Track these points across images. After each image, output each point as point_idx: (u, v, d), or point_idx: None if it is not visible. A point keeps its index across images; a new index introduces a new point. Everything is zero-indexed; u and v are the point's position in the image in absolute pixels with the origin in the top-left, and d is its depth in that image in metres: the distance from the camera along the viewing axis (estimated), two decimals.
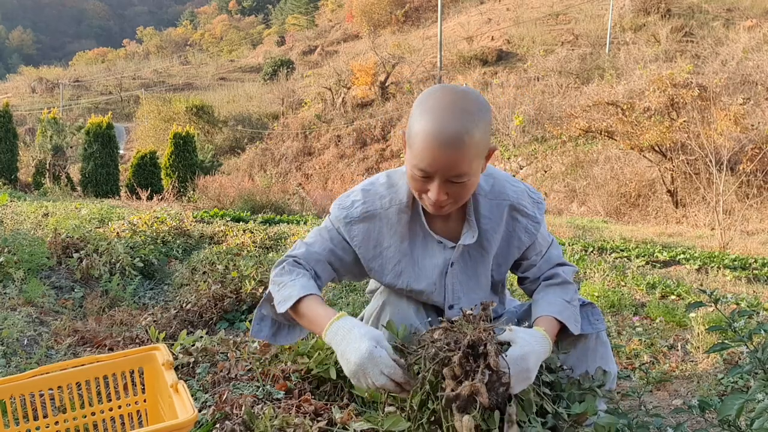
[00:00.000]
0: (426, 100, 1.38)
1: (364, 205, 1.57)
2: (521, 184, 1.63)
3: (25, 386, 1.46)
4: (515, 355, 1.30)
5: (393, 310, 1.60)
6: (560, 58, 24.08)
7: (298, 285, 1.48)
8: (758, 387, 1.35)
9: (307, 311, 1.45)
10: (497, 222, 1.57)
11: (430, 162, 1.34)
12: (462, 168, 1.34)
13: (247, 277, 3.12)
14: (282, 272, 1.55)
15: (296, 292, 1.46)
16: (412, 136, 1.37)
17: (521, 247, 1.61)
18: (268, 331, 1.60)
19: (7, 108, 16.80)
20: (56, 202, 8.87)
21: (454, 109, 1.33)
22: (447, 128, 1.31)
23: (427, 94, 1.40)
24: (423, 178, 1.38)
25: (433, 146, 1.32)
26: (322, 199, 12.23)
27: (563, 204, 16.50)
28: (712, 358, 2.57)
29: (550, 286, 1.61)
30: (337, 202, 1.62)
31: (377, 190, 1.58)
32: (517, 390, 1.30)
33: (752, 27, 22.34)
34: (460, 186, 1.38)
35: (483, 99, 1.40)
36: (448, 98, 1.35)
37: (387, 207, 1.56)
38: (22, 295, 3.02)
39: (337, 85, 28.18)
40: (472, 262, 1.61)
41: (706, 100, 13.03)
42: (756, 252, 7.54)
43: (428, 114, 1.34)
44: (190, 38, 72.88)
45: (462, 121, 1.31)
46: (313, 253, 1.58)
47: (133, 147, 26.66)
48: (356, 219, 1.57)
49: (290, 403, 1.85)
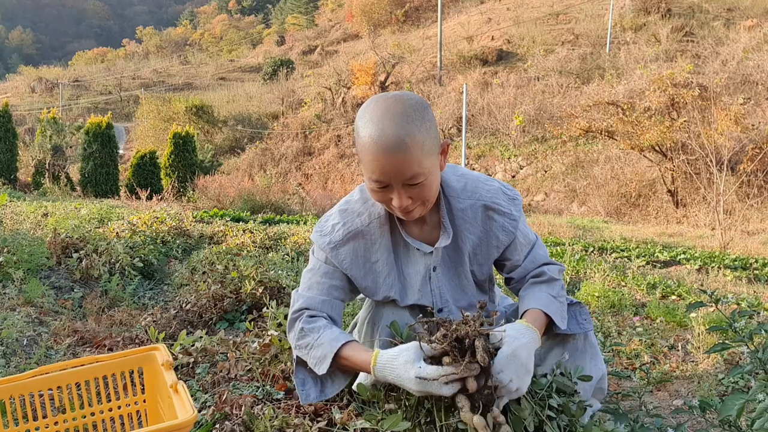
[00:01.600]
0: (364, 113, 1.40)
1: (344, 226, 1.58)
2: (495, 182, 1.64)
3: (25, 386, 1.46)
4: (506, 353, 1.30)
5: (387, 313, 1.62)
6: (560, 58, 24.07)
7: (326, 341, 1.49)
8: (759, 387, 1.35)
9: (346, 363, 1.46)
10: (471, 222, 1.58)
11: (381, 171, 1.36)
12: (413, 169, 1.36)
13: (246, 277, 3.12)
14: (302, 335, 1.54)
15: (328, 349, 1.47)
16: (360, 151, 1.40)
17: (500, 246, 1.61)
18: (316, 392, 1.56)
19: (7, 108, 16.81)
20: (56, 202, 8.87)
21: (389, 115, 1.35)
22: (386, 135, 1.33)
23: (364, 107, 1.42)
24: (381, 189, 1.41)
25: (378, 155, 1.34)
26: (322, 199, 12.23)
27: (563, 204, 16.50)
28: (712, 358, 2.57)
29: (536, 283, 1.62)
30: (317, 229, 1.63)
31: (354, 208, 1.60)
32: (524, 387, 1.31)
33: (753, 27, 22.34)
34: (419, 187, 1.40)
35: (418, 99, 1.42)
36: (382, 107, 1.37)
37: (367, 223, 1.58)
38: (21, 295, 3.02)
39: (337, 84, 28.19)
40: (452, 263, 1.62)
41: (706, 100, 13.03)
42: (756, 252, 7.54)
43: (368, 125, 1.37)
44: (189, 38, 72.86)
45: (401, 125, 1.34)
46: (317, 299, 1.58)
47: (132, 147, 26.67)
48: (340, 242, 1.57)
49: (290, 404, 1.85)
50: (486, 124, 21.68)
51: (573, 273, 4.89)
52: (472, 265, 1.63)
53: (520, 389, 1.30)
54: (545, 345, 1.62)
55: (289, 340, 1.60)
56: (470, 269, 1.63)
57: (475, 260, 1.63)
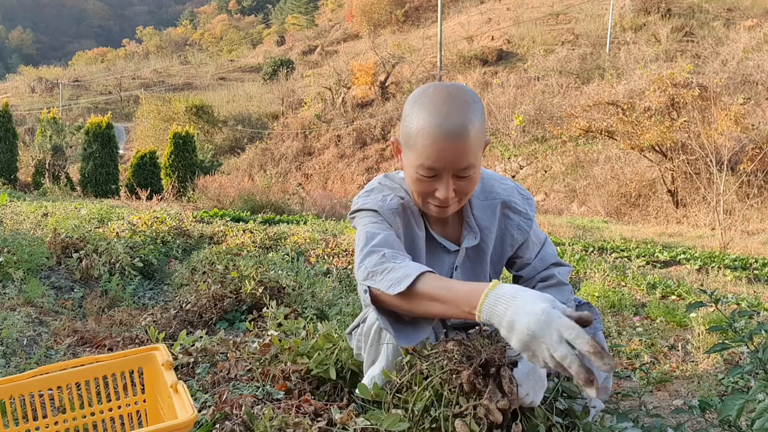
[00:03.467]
0: (420, 98, 1.37)
1: (396, 197, 1.49)
2: (509, 182, 1.63)
3: (25, 386, 1.45)
4: (524, 370, 1.29)
5: None
6: (560, 58, 24.08)
7: (411, 264, 1.27)
8: (759, 387, 1.35)
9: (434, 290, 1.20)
10: (491, 222, 1.57)
11: (437, 157, 1.32)
12: (469, 159, 1.34)
13: (246, 277, 3.12)
14: (382, 260, 1.31)
15: (413, 270, 1.24)
16: (413, 136, 1.35)
17: (514, 244, 1.61)
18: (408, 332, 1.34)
19: (7, 108, 16.82)
20: (56, 202, 8.87)
21: (452, 102, 1.33)
22: (450, 121, 1.30)
23: (420, 93, 1.39)
24: (430, 178, 1.37)
25: (438, 140, 1.31)
26: (322, 199, 12.23)
27: (563, 204, 16.50)
28: (712, 358, 2.57)
29: (545, 288, 1.60)
30: (363, 197, 1.51)
31: (394, 186, 1.53)
32: (538, 400, 1.30)
33: (752, 27, 22.34)
34: (467, 180, 1.38)
35: (474, 92, 1.40)
36: (443, 93, 1.35)
37: (410, 201, 1.51)
38: (21, 295, 3.02)
39: (337, 85, 28.19)
40: (472, 264, 1.60)
41: (706, 100, 13.04)
42: (756, 252, 7.54)
43: (427, 111, 1.33)
44: (189, 38, 72.84)
45: (463, 112, 1.32)
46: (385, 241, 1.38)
47: (132, 147, 26.67)
48: (396, 210, 1.47)
49: (290, 404, 1.84)
50: (486, 124, 21.68)
51: (573, 273, 4.89)
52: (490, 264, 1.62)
53: (534, 402, 1.30)
54: None
55: (358, 276, 1.36)
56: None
57: (490, 259, 1.62)
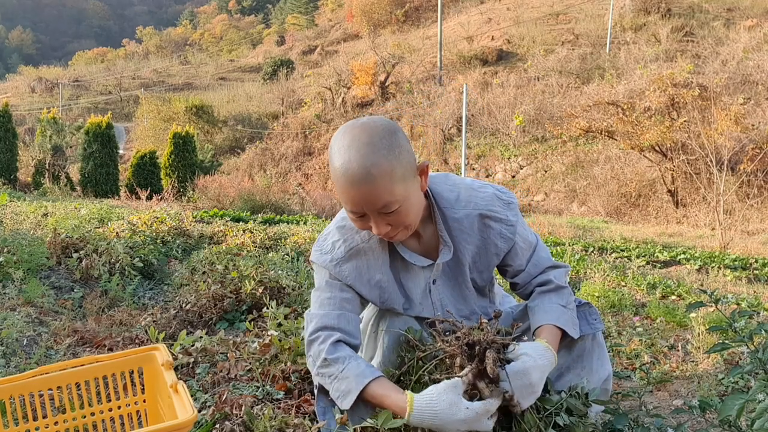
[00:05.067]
0: (333, 143, 1.39)
1: (345, 243, 1.55)
2: (489, 188, 1.61)
3: (25, 386, 1.45)
4: (515, 368, 1.29)
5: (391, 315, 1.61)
6: (560, 58, 24.07)
7: (351, 375, 1.41)
8: (759, 387, 1.35)
9: (374, 402, 1.40)
10: (468, 232, 1.55)
11: (352, 202, 1.36)
12: (384, 198, 1.34)
13: (246, 277, 3.11)
14: (324, 364, 1.46)
15: (353, 385, 1.40)
16: (333, 181, 1.39)
17: (499, 253, 1.59)
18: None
19: (7, 108, 16.81)
20: (56, 202, 8.87)
21: (355, 146, 1.33)
22: (352, 167, 1.32)
23: (335, 137, 1.40)
24: (359, 218, 1.40)
25: (347, 188, 1.34)
26: (322, 199, 12.23)
27: (563, 204, 16.50)
28: (712, 358, 2.57)
29: (544, 293, 1.59)
30: (317, 248, 1.59)
31: (352, 225, 1.54)
32: (525, 404, 1.30)
33: (753, 27, 22.34)
34: (396, 214, 1.37)
35: (387, 125, 1.38)
36: (348, 137, 1.35)
37: (367, 239, 1.55)
38: (21, 295, 3.02)
39: (337, 84, 28.18)
40: (452, 274, 1.60)
41: (706, 100, 13.04)
42: (756, 252, 7.55)
43: (336, 157, 1.35)
44: (189, 38, 72.80)
45: (365, 155, 1.31)
46: (331, 315, 1.52)
47: (132, 147, 26.66)
48: (342, 259, 1.54)
49: (290, 404, 1.85)
50: (486, 124, 21.68)
51: (573, 273, 4.89)
52: (472, 273, 1.61)
53: (521, 405, 1.30)
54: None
55: (308, 365, 1.54)
56: (471, 278, 1.62)
57: (475, 268, 1.61)
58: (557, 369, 1.54)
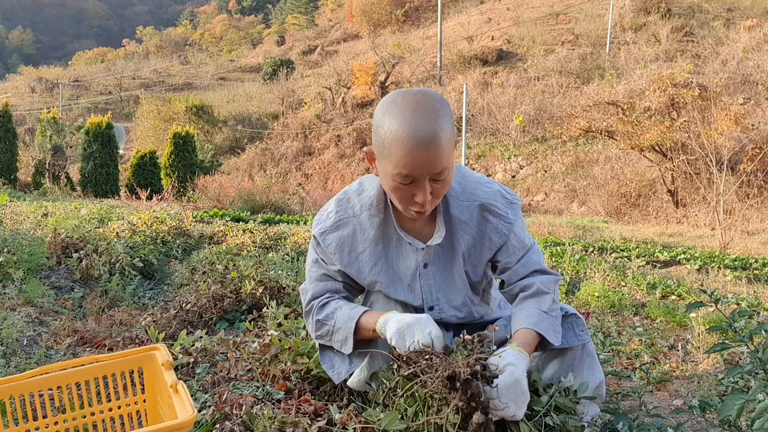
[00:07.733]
0: (389, 108, 1.39)
1: (337, 214, 1.63)
2: (495, 185, 1.64)
3: (25, 386, 1.45)
4: (507, 382, 1.31)
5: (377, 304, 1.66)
6: (560, 58, 24.07)
7: (342, 324, 1.57)
8: (759, 387, 1.35)
9: (365, 333, 1.55)
10: (467, 222, 1.58)
11: (413, 165, 1.36)
12: (442, 163, 1.38)
13: (246, 277, 3.12)
14: (319, 326, 1.63)
15: (347, 331, 1.56)
16: (387, 146, 1.38)
17: (492, 247, 1.60)
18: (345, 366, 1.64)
19: (7, 108, 16.80)
20: (56, 202, 8.87)
21: (422, 110, 1.36)
22: (422, 129, 1.34)
23: (389, 102, 1.41)
24: (407, 184, 1.40)
25: (412, 149, 1.34)
26: (322, 199, 12.23)
27: (563, 204, 16.50)
28: (712, 358, 2.57)
29: (525, 298, 1.60)
30: (316, 218, 1.69)
31: (349, 198, 1.64)
32: (520, 413, 1.32)
33: (753, 27, 22.33)
34: (442, 182, 1.42)
35: (441, 96, 1.44)
36: (412, 101, 1.38)
37: (358, 213, 1.60)
38: (21, 295, 3.02)
39: (337, 84, 28.17)
40: (446, 262, 1.62)
41: (706, 100, 13.04)
42: (756, 252, 7.54)
43: (398, 120, 1.36)
44: (189, 38, 72.82)
45: (433, 119, 1.35)
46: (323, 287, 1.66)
47: (132, 147, 26.66)
48: (329, 228, 1.63)
49: (290, 404, 1.84)
50: (486, 124, 21.68)
51: (573, 273, 4.89)
52: (466, 265, 1.62)
53: (516, 414, 1.31)
54: (542, 357, 1.62)
55: (310, 334, 1.68)
56: (465, 270, 1.63)
57: (469, 261, 1.62)
58: (549, 379, 1.55)
